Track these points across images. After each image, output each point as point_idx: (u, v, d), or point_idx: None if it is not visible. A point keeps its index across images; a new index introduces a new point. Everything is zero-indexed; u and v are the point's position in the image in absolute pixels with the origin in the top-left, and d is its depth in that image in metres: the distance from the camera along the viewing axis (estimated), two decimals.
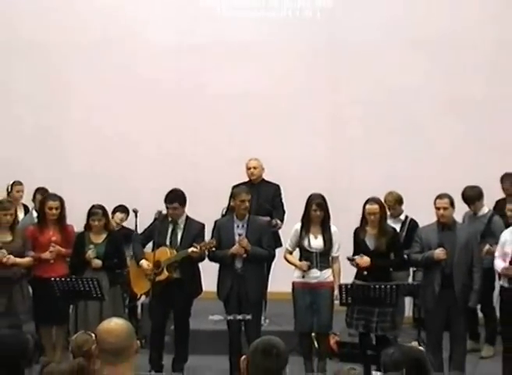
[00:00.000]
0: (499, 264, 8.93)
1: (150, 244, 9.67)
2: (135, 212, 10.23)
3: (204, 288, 9.69)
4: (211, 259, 9.50)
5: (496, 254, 9.04)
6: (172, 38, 13.00)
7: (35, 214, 10.59)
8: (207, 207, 10.45)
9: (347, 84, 12.75)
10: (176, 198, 9.42)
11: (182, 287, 9.35)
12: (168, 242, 9.44)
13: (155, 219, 9.74)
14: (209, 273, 9.59)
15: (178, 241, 9.45)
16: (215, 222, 9.64)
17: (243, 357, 4.19)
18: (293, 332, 9.09)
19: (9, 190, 11.50)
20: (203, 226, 9.56)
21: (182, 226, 9.50)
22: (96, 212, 9.68)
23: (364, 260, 9.08)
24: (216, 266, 9.54)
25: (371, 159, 12.57)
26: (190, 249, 9.22)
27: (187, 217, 9.55)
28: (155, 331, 9.43)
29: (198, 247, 9.21)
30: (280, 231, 10.42)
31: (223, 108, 12.79)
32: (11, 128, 13.09)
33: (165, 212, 9.63)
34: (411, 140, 12.56)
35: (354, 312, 9.10)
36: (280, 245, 10.07)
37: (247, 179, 10.71)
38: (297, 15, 13.16)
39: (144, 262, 9.43)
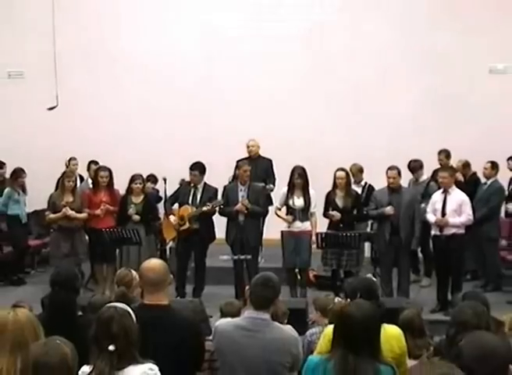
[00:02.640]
0: (431, 217, 8.99)
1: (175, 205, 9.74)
2: (164, 179, 10.41)
3: (216, 236, 9.78)
4: (221, 214, 9.56)
5: (428, 209, 9.07)
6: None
7: (90, 181, 10.72)
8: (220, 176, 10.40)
9: None
10: (197, 167, 9.50)
11: (200, 235, 9.48)
12: (190, 201, 9.52)
13: (180, 185, 9.86)
14: (219, 224, 9.66)
15: (197, 200, 9.53)
16: (224, 187, 9.73)
17: (247, 288, 4.37)
18: (281, 268, 9.10)
19: (67, 164, 11.50)
20: (216, 189, 9.63)
21: (200, 189, 9.55)
22: (136, 178, 9.78)
23: (337, 214, 9.26)
24: (224, 219, 9.65)
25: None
26: (205, 207, 9.34)
27: (205, 183, 9.61)
28: (180, 268, 9.49)
29: (210, 205, 9.38)
30: (272, 193, 10.42)
31: (232, 99, 12.57)
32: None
33: (187, 179, 9.75)
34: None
35: (328, 253, 9.22)
36: (272, 204, 10.09)
37: (247, 155, 10.66)
38: None
39: (171, 217, 9.55)
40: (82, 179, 11.61)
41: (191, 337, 4.26)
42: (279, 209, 9.49)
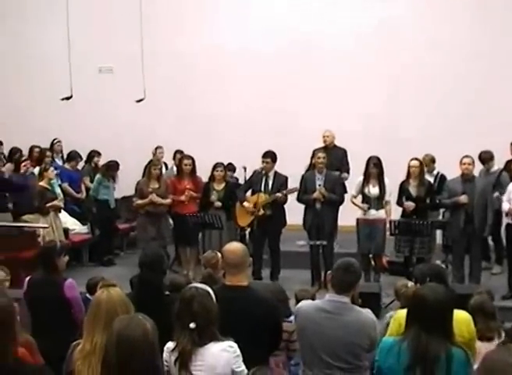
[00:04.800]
0: (505, 206, 8.75)
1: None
2: (244, 168, 10.46)
3: (292, 222, 9.76)
4: (299, 201, 9.51)
5: (504, 198, 8.85)
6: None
7: (175, 169, 10.88)
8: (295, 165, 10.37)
9: None
10: (268, 155, 9.52)
11: (273, 220, 9.49)
12: (262, 189, 9.54)
13: (254, 173, 9.81)
14: (296, 210, 9.59)
15: (269, 188, 9.53)
16: (302, 175, 9.68)
17: (328, 272, 4.34)
18: (356, 253, 8.98)
19: (154, 152, 11.77)
20: (287, 178, 9.60)
21: (272, 177, 9.55)
22: (219, 167, 9.88)
23: (411, 204, 9.19)
24: (299, 205, 9.58)
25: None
26: (277, 194, 9.35)
27: (275, 171, 9.60)
28: (256, 253, 9.48)
29: (284, 192, 9.41)
30: (345, 182, 10.28)
31: (307, 90, 12.50)
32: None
33: (248, 168, 9.85)
34: None
35: (401, 241, 9.15)
36: (346, 192, 9.96)
37: (323, 145, 10.55)
38: None
39: (246, 203, 9.58)
40: (167, 167, 11.82)
41: (269, 316, 4.30)
42: (355, 197, 9.42)
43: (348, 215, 9.58)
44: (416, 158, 9.36)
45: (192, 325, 3.69)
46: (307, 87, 12.54)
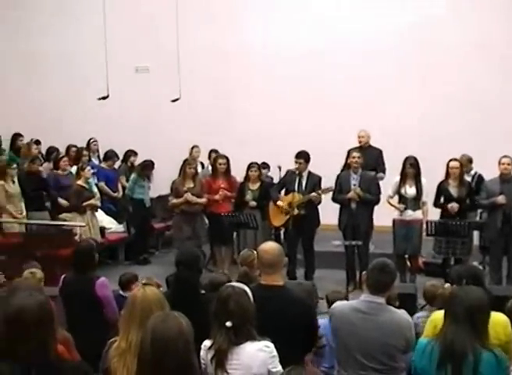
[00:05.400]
0: None
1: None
2: (279, 167, 10.45)
3: (327, 222, 9.78)
4: (334, 201, 9.50)
5: None
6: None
7: (210, 168, 10.87)
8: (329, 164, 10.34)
9: None
10: (301, 155, 9.50)
11: (307, 220, 9.46)
12: (296, 189, 9.51)
13: (287, 173, 9.81)
14: (331, 210, 9.59)
15: (303, 188, 9.50)
16: (337, 175, 9.66)
17: (364, 273, 4.34)
18: (391, 254, 8.97)
19: (190, 151, 11.79)
20: (320, 178, 9.56)
21: (305, 177, 9.52)
22: (253, 166, 9.93)
23: (456, 206, 9.06)
24: (335, 205, 9.54)
25: None
26: (313, 194, 9.32)
27: (309, 171, 9.57)
28: (290, 252, 9.34)
29: (319, 192, 9.38)
30: (380, 182, 10.12)
31: (342, 90, 12.47)
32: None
33: (283, 167, 9.84)
34: None
35: (442, 242, 9.04)
36: (381, 192, 9.80)
37: (358, 144, 10.53)
38: None
39: (280, 202, 9.54)
40: (203, 166, 11.91)
41: (304, 316, 4.31)
42: (391, 198, 9.39)
43: (384, 215, 9.52)
44: (455, 159, 9.28)
45: (228, 323, 3.71)
46: (344, 86, 12.51)
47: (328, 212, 9.63)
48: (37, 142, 12.42)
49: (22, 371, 2.87)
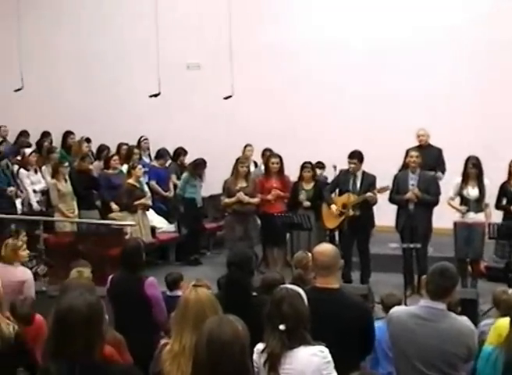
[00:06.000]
0: None
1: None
2: (334, 167, 10.29)
3: (384, 223, 9.67)
4: (391, 202, 9.41)
5: None
6: None
7: (263, 167, 10.94)
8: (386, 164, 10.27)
9: None
10: (355, 156, 9.45)
11: (362, 221, 9.39)
12: (350, 189, 9.44)
13: (340, 172, 9.74)
14: (388, 211, 9.47)
15: (357, 188, 9.46)
16: (395, 175, 9.56)
17: (423, 277, 4.27)
18: (452, 257, 8.80)
19: (243, 150, 11.80)
20: (375, 177, 9.51)
21: (359, 177, 9.48)
22: (307, 166, 9.92)
23: None
24: (393, 206, 9.43)
25: None
26: (368, 194, 9.25)
27: (363, 171, 9.52)
28: (346, 253, 9.19)
29: (375, 191, 9.30)
30: (440, 182, 9.96)
31: (400, 88, 12.34)
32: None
33: (338, 166, 9.77)
34: None
35: (505, 246, 8.95)
36: (440, 193, 9.59)
37: (417, 144, 10.38)
38: None
39: (333, 206, 9.47)
40: (257, 165, 11.93)
41: (361, 320, 4.28)
42: (453, 199, 9.29)
43: (444, 217, 9.39)
44: None
45: (282, 327, 3.69)
46: (402, 84, 12.40)
47: (385, 214, 9.54)
48: (88, 140, 12.61)
49: (68, 371, 2.91)
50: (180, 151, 12.20)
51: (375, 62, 12.53)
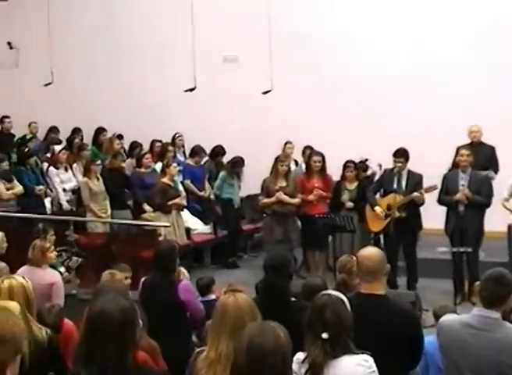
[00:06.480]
0: None
1: None
2: (379, 165, 10.35)
3: (432, 226, 9.65)
4: (439, 203, 9.34)
5: None
6: None
7: (304, 166, 10.91)
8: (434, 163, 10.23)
9: None
10: (401, 154, 9.40)
11: (408, 224, 9.33)
12: (395, 189, 9.37)
13: (384, 172, 9.73)
14: (437, 213, 9.43)
15: (403, 188, 9.39)
16: (444, 175, 9.48)
17: (476, 283, 4.24)
18: (505, 263, 8.72)
19: (283, 148, 11.74)
20: (421, 176, 9.45)
21: (405, 176, 9.42)
22: (349, 165, 9.87)
23: None
24: (441, 208, 9.36)
25: None
26: (415, 194, 9.18)
27: (409, 170, 9.46)
28: (391, 257, 8.75)
29: (422, 191, 9.22)
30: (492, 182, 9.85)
31: (452, 84, 12.22)
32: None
33: (383, 165, 9.75)
34: None
35: None
36: (493, 193, 9.48)
37: (468, 141, 10.32)
38: None
39: (377, 208, 9.41)
40: (297, 163, 11.90)
41: (409, 329, 4.24)
42: (507, 200, 9.25)
43: (497, 219, 9.36)
44: None
45: (324, 335, 3.67)
46: (452, 77, 12.26)
47: (433, 215, 9.50)
48: (120, 137, 12.69)
49: None
50: (219, 150, 12.18)
51: (423, 54, 12.42)
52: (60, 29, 14.19)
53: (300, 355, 3.79)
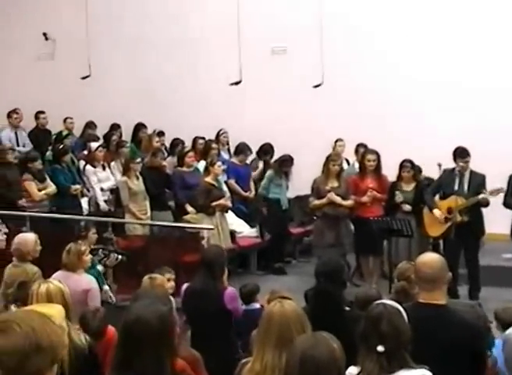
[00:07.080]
0: None
1: None
2: (439, 165, 10.25)
3: (497, 231, 9.61)
4: (505, 206, 9.31)
5: None
6: None
7: (357, 165, 10.81)
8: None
9: None
10: (467, 153, 9.34)
11: (471, 228, 9.26)
12: (456, 191, 9.33)
13: (444, 172, 9.62)
14: (501, 217, 9.37)
15: (465, 189, 9.34)
16: (510, 175, 9.42)
17: None
18: None
19: (334, 146, 11.75)
20: (484, 176, 9.38)
21: (467, 177, 9.37)
22: (406, 165, 9.80)
23: None
24: (507, 211, 9.29)
25: None
26: (481, 196, 9.12)
27: (471, 170, 9.40)
28: (452, 264, 9.03)
29: (487, 193, 9.13)
30: None
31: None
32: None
33: (443, 165, 9.63)
34: None
35: None
36: None
37: None
38: None
39: (436, 211, 9.37)
40: (349, 163, 11.86)
41: (471, 342, 4.19)
42: None
43: None
44: None
45: (380, 348, 3.64)
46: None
47: (498, 219, 9.44)
48: (161, 133, 12.75)
49: None
50: (267, 149, 12.19)
51: (486, 51, 12.34)
52: (98, 18, 14.29)
53: (352, 370, 3.76)
